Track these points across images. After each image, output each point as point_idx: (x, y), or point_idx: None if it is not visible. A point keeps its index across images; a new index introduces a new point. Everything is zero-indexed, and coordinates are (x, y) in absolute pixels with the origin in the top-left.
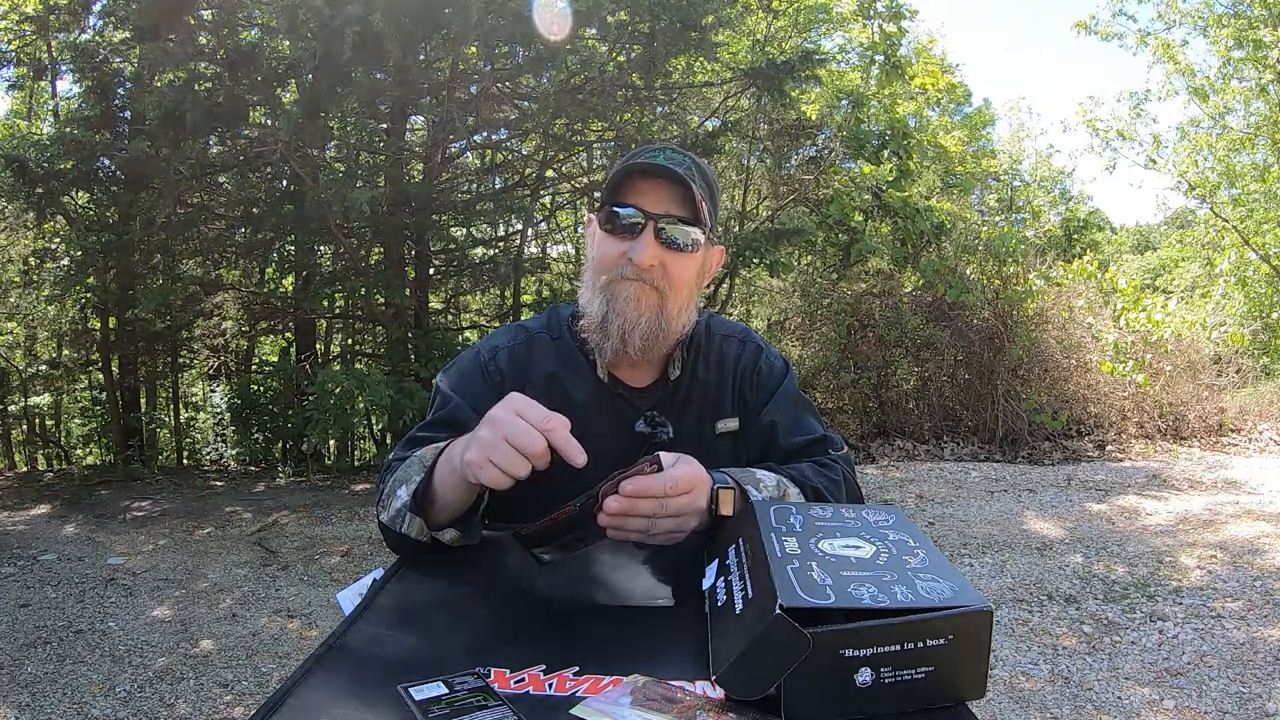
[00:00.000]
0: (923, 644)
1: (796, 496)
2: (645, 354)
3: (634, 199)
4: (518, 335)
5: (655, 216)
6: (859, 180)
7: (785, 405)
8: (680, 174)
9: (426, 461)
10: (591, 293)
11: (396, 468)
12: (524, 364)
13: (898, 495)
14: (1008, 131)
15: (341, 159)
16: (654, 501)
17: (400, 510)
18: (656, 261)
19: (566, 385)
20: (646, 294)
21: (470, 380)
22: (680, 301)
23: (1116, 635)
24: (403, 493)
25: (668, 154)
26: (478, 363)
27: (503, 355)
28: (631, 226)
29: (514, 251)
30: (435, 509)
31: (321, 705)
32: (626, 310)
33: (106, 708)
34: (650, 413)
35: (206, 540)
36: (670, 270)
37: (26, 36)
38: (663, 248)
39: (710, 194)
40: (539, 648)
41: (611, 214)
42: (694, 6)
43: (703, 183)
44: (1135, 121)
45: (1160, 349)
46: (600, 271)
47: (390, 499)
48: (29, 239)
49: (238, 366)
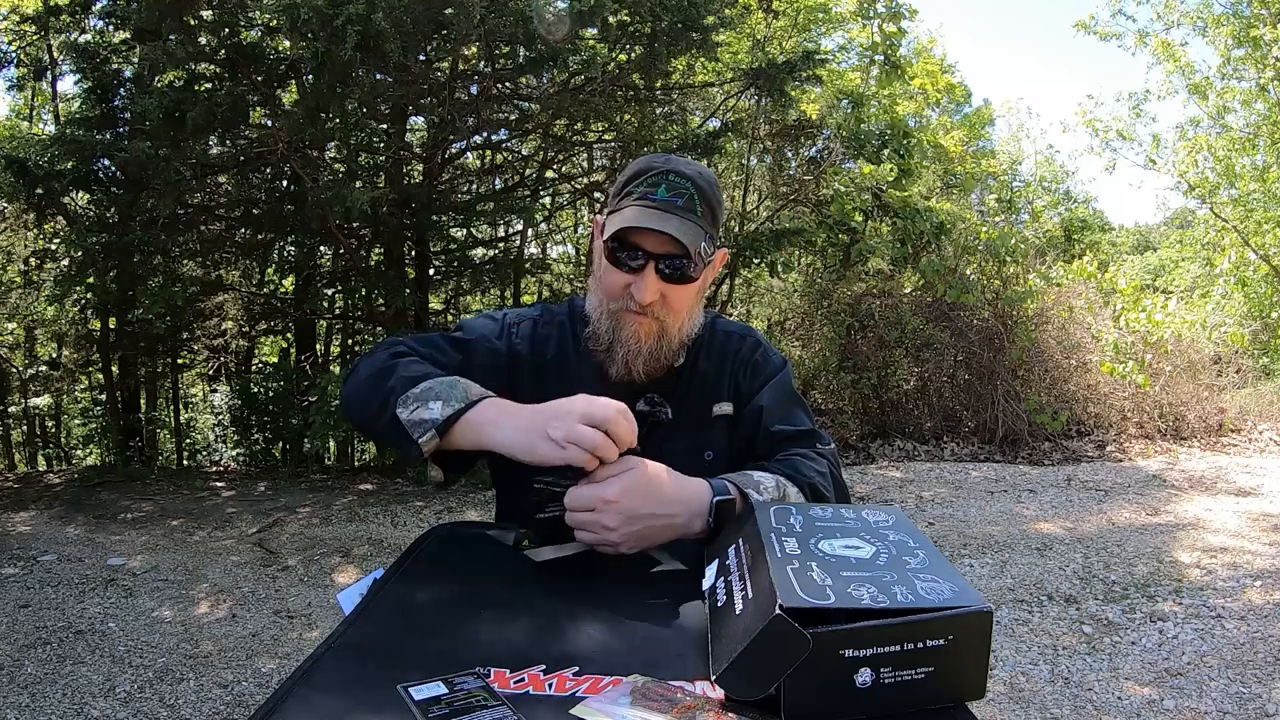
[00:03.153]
0: (923, 644)
1: (795, 494)
2: (650, 375)
3: (637, 240)
4: (543, 314)
5: (656, 257)
6: (859, 180)
7: (776, 394)
8: (674, 234)
9: (471, 396)
10: (598, 311)
11: (420, 367)
12: (543, 342)
13: (898, 495)
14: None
15: (341, 159)
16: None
17: (426, 423)
18: (657, 297)
19: (573, 363)
20: (647, 325)
21: (493, 330)
22: (681, 320)
23: (1116, 635)
24: (436, 409)
25: (670, 181)
26: (503, 322)
27: (526, 327)
28: (635, 266)
29: (514, 252)
30: (445, 441)
31: (321, 705)
32: (630, 342)
33: (106, 708)
34: (651, 394)
35: (207, 541)
36: (670, 300)
37: (27, 36)
38: (664, 282)
39: (712, 215)
40: (539, 648)
41: (617, 250)
42: (695, 7)
43: (704, 210)
44: (1135, 121)
45: (1160, 349)
46: (605, 295)
47: (419, 404)
48: (29, 239)
49: (238, 367)
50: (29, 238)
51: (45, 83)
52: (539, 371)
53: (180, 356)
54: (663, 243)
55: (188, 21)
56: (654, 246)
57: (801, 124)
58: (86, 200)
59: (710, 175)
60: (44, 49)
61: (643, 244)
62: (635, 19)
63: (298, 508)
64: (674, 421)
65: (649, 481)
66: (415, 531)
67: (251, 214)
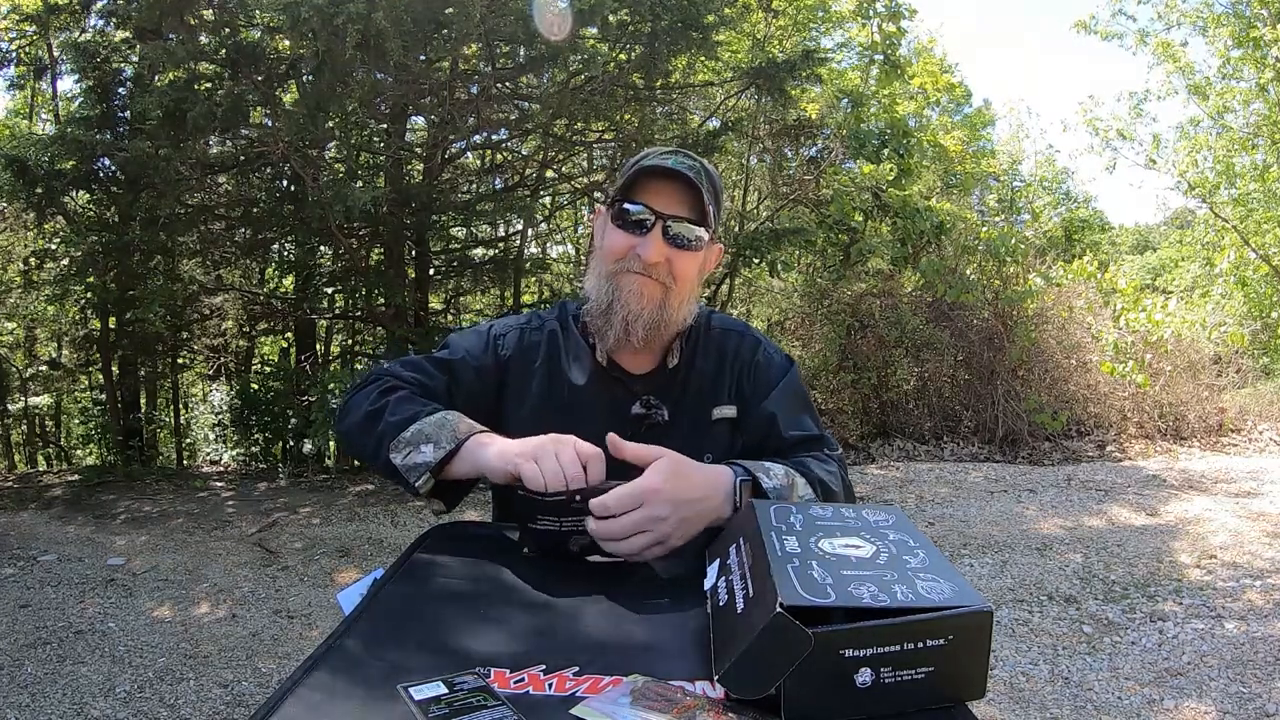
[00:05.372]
0: (923, 644)
1: (804, 486)
2: (647, 343)
3: (645, 198)
4: (531, 321)
5: (664, 216)
6: (859, 180)
7: (786, 400)
8: (690, 177)
9: (460, 435)
10: (598, 280)
11: (410, 406)
12: (532, 348)
13: (898, 495)
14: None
15: (341, 159)
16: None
17: (420, 466)
18: (662, 258)
19: (567, 369)
20: (650, 288)
21: (479, 346)
22: (682, 295)
23: (1116, 635)
24: (428, 452)
25: (679, 158)
26: (489, 335)
27: (512, 336)
28: (641, 223)
29: (514, 252)
30: (442, 475)
31: (321, 705)
32: (630, 302)
33: (106, 708)
34: (646, 396)
35: (207, 540)
36: (675, 266)
37: (27, 36)
38: (669, 245)
39: (715, 197)
40: (539, 648)
41: (623, 210)
42: (695, 6)
43: (709, 186)
44: (1135, 121)
45: (1160, 349)
46: (607, 260)
47: (411, 448)
48: (29, 239)
49: (238, 367)
50: (29, 237)
51: (45, 82)
52: (529, 378)
53: (180, 356)
54: (674, 203)
55: (188, 21)
56: (663, 205)
57: (801, 124)
58: (86, 200)
59: (716, 170)
60: (44, 48)
61: (651, 202)
62: (635, 18)
63: (298, 508)
64: (671, 422)
65: (682, 465)
66: (415, 531)
67: (251, 214)
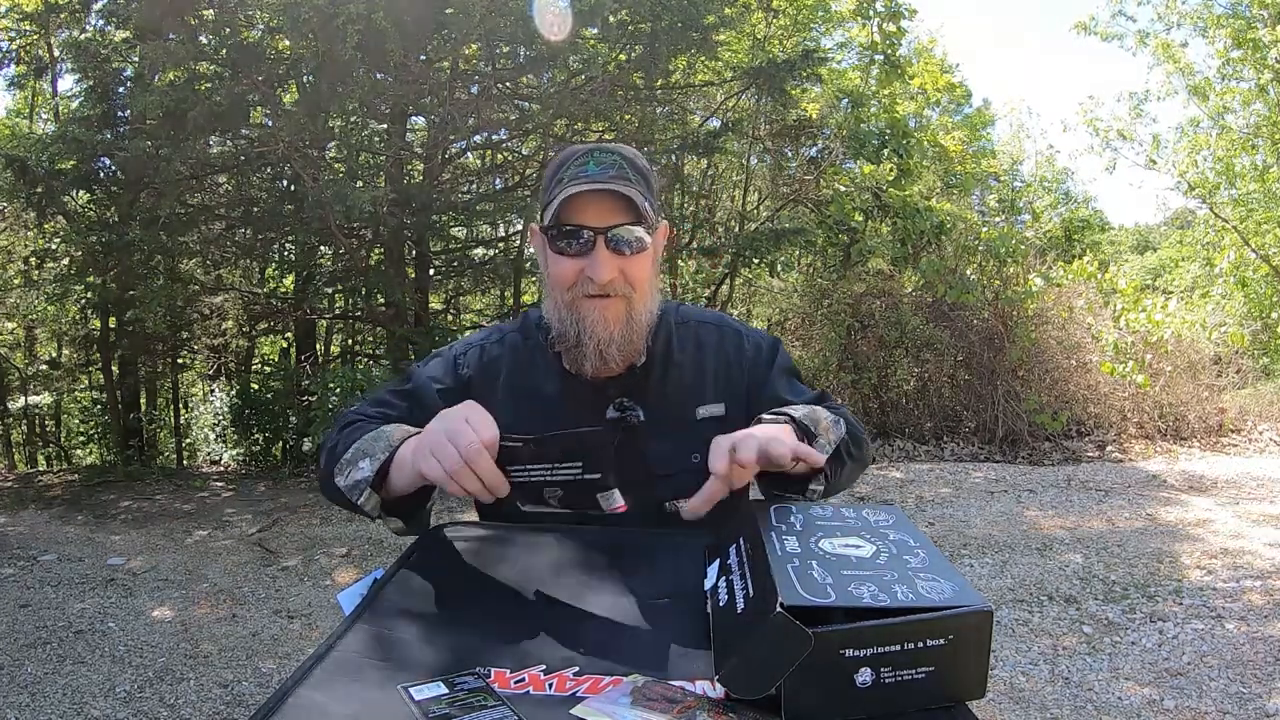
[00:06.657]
0: (923, 644)
1: (828, 417)
2: (624, 360)
3: (578, 217)
4: (490, 335)
5: (602, 230)
6: (859, 180)
7: (784, 379)
8: (617, 188)
9: (394, 441)
10: (557, 309)
11: (359, 431)
12: (493, 363)
13: (898, 495)
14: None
15: (342, 159)
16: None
17: (360, 483)
18: (615, 273)
19: (534, 380)
20: (613, 308)
21: (441, 370)
22: (644, 296)
23: (1116, 635)
24: (366, 466)
25: (596, 157)
26: (450, 356)
27: (473, 354)
28: (582, 245)
29: (514, 252)
30: (389, 489)
31: (321, 705)
32: (598, 330)
33: (106, 708)
34: (620, 399)
35: (207, 540)
36: (629, 274)
37: (27, 35)
38: (617, 256)
39: (646, 182)
40: (539, 648)
41: (559, 236)
42: (695, 6)
43: (638, 177)
44: (1135, 121)
45: (1160, 349)
46: (560, 289)
47: (351, 467)
48: (29, 238)
49: (238, 367)
50: (29, 237)
51: (45, 81)
52: (493, 393)
53: (180, 356)
54: (607, 212)
55: (188, 20)
56: (598, 220)
57: (801, 124)
58: (87, 199)
59: (635, 151)
60: (44, 47)
61: (586, 220)
62: (635, 18)
63: (298, 508)
64: (648, 422)
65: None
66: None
67: (251, 214)
